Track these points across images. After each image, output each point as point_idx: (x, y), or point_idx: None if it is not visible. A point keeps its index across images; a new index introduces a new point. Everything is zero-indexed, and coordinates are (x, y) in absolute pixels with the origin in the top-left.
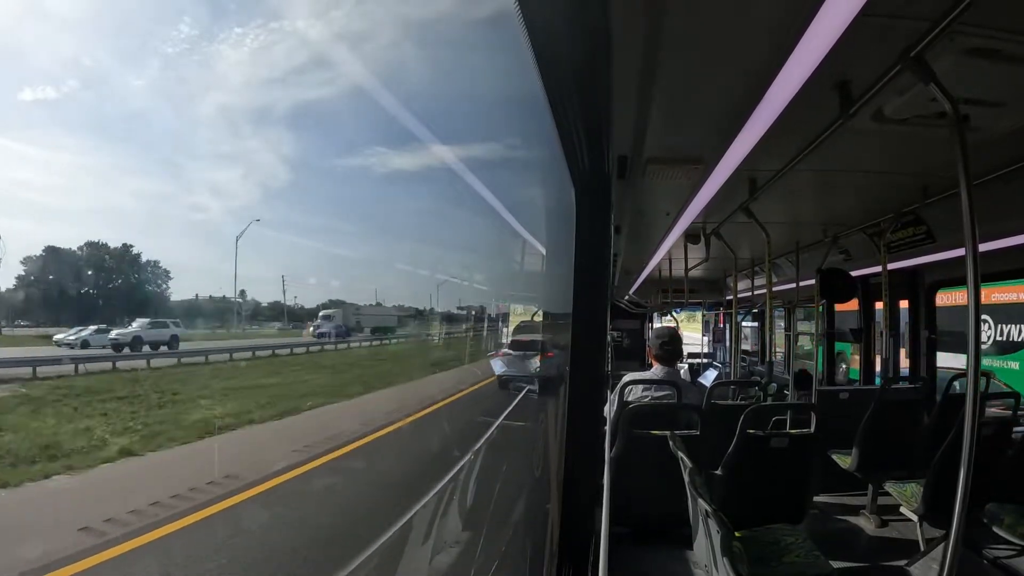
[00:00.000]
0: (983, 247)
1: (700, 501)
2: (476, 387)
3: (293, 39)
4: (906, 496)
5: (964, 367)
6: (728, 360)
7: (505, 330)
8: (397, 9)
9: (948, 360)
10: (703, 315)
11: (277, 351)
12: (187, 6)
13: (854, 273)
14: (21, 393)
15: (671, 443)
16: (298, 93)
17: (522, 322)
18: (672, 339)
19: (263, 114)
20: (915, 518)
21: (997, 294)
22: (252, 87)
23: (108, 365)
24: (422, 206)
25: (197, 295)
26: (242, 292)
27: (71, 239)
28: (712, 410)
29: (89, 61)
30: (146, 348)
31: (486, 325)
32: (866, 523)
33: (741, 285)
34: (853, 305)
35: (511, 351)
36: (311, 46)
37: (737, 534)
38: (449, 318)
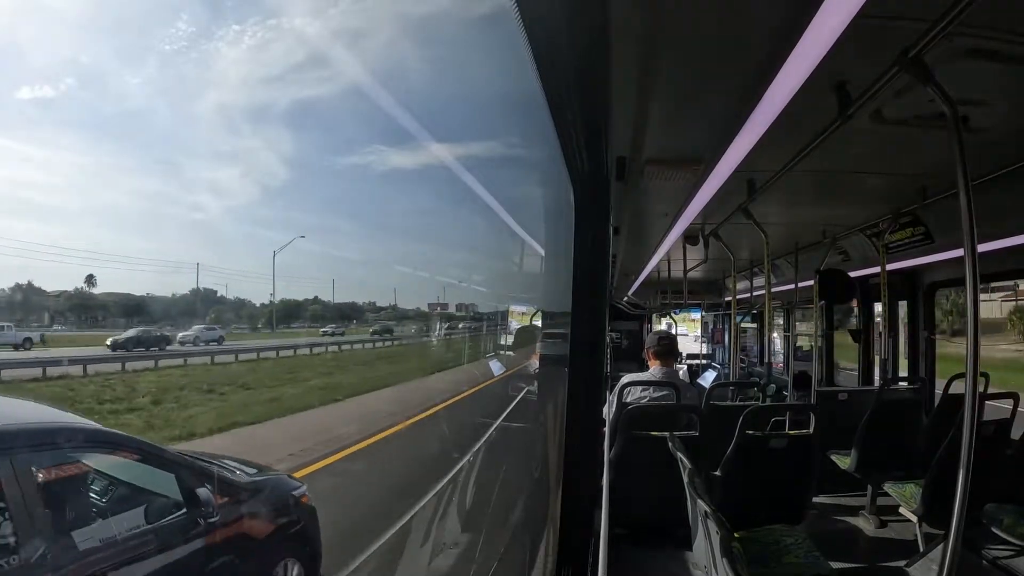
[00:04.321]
0: (982, 248)
1: (699, 502)
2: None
3: (291, 37)
4: (905, 496)
5: None
6: (727, 361)
7: (505, 331)
8: (396, 7)
9: None
10: (702, 316)
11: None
12: (184, 3)
13: (853, 274)
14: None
15: (670, 444)
16: (297, 91)
17: (521, 323)
18: (668, 336)
19: (262, 112)
20: (914, 518)
21: None
22: (250, 85)
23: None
24: (421, 206)
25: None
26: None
27: (72, 239)
28: (711, 411)
29: (86, 59)
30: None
31: (484, 326)
32: (865, 524)
33: (740, 286)
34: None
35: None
36: (309, 44)
37: (736, 535)
38: (448, 318)
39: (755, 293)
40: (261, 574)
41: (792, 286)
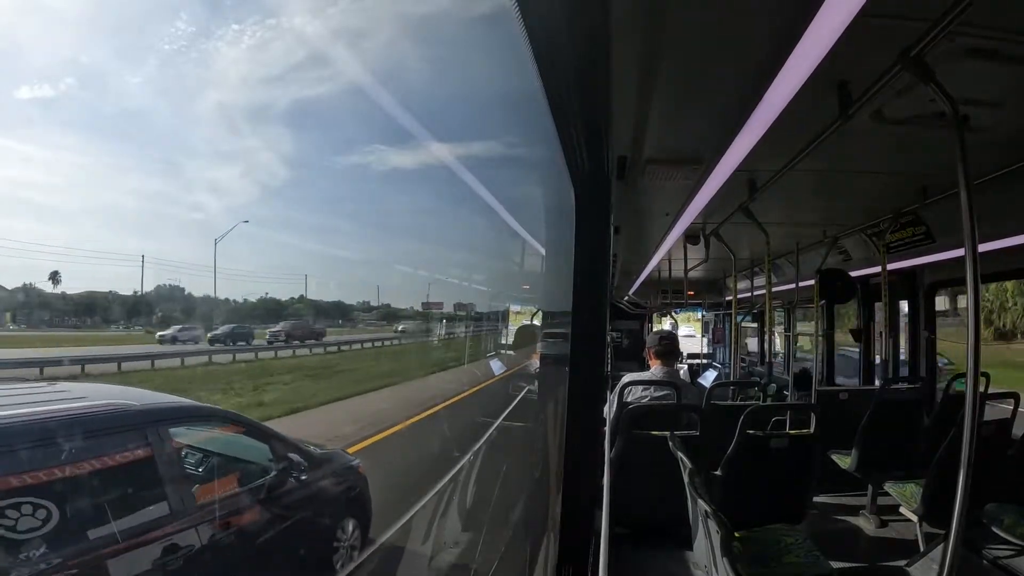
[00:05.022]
0: (983, 247)
1: (700, 501)
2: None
3: (291, 36)
4: (906, 496)
5: None
6: (728, 361)
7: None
8: (396, 6)
9: None
10: (702, 315)
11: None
12: (184, 3)
13: (853, 273)
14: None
15: (671, 443)
16: (296, 90)
17: (522, 323)
18: (669, 336)
19: (261, 111)
20: (915, 518)
21: None
22: (250, 84)
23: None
24: (421, 205)
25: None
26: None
27: (73, 239)
28: (712, 410)
29: (86, 58)
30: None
31: (484, 326)
32: (866, 523)
33: (741, 286)
34: None
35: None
36: (309, 43)
37: (737, 534)
38: (448, 318)
39: (756, 292)
40: (331, 528)
41: (793, 286)
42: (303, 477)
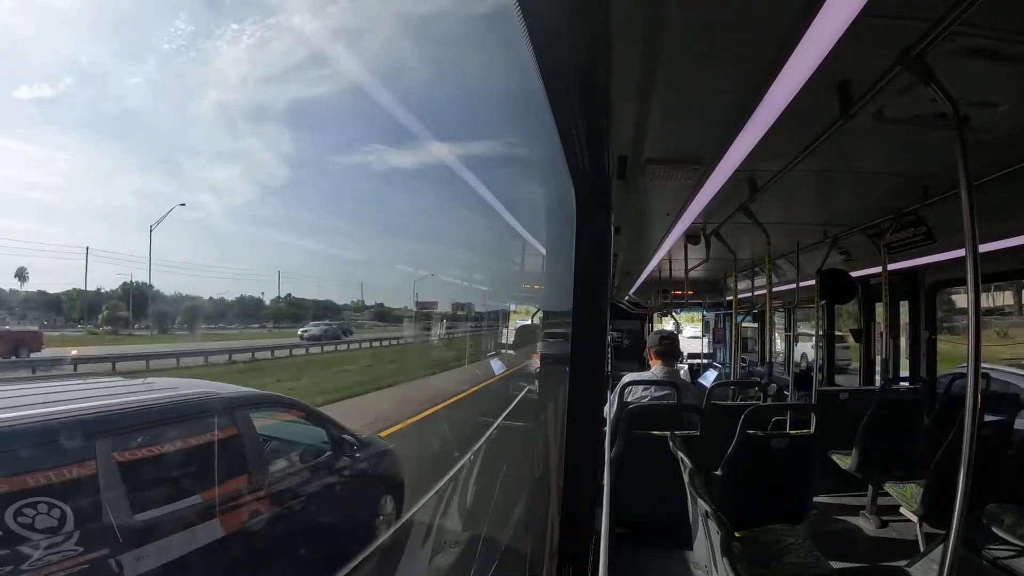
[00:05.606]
0: (983, 248)
1: (700, 501)
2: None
3: (290, 35)
4: (906, 496)
5: None
6: (728, 361)
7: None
8: (396, 6)
9: None
10: (703, 315)
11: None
12: (183, 2)
13: (854, 274)
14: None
15: (671, 443)
16: (296, 90)
17: (522, 323)
18: (670, 336)
19: (261, 111)
20: (915, 518)
21: None
22: (249, 84)
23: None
24: (421, 205)
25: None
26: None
27: (73, 239)
28: (712, 410)
29: (86, 58)
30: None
31: (484, 326)
32: (866, 523)
33: (741, 286)
34: None
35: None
36: (309, 43)
37: (737, 534)
38: (449, 318)
39: (756, 292)
40: (374, 503)
41: (793, 286)
42: (356, 455)
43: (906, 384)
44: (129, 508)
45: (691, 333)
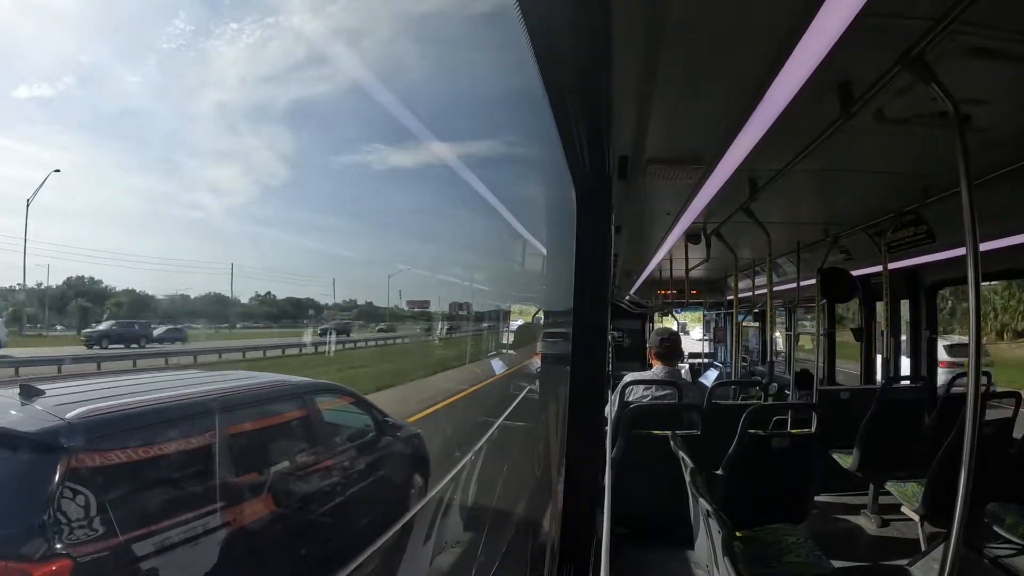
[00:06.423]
0: (984, 247)
1: (701, 501)
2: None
3: (290, 35)
4: (907, 496)
5: None
6: (729, 360)
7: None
8: (396, 5)
9: None
10: (703, 315)
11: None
12: (183, 2)
13: (855, 273)
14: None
15: (672, 443)
16: (296, 90)
17: (522, 322)
18: (671, 337)
19: (261, 111)
20: (916, 518)
21: None
22: (249, 83)
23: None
24: (422, 205)
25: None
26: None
27: (74, 239)
28: (713, 410)
29: (85, 58)
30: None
31: (485, 325)
32: (867, 523)
33: (742, 285)
34: None
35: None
36: (309, 42)
37: (738, 534)
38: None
39: (757, 292)
40: (408, 480)
41: (794, 285)
42: (394, 436)
43: (907, 383)
44: (242, 468)
45: (698, 335)
